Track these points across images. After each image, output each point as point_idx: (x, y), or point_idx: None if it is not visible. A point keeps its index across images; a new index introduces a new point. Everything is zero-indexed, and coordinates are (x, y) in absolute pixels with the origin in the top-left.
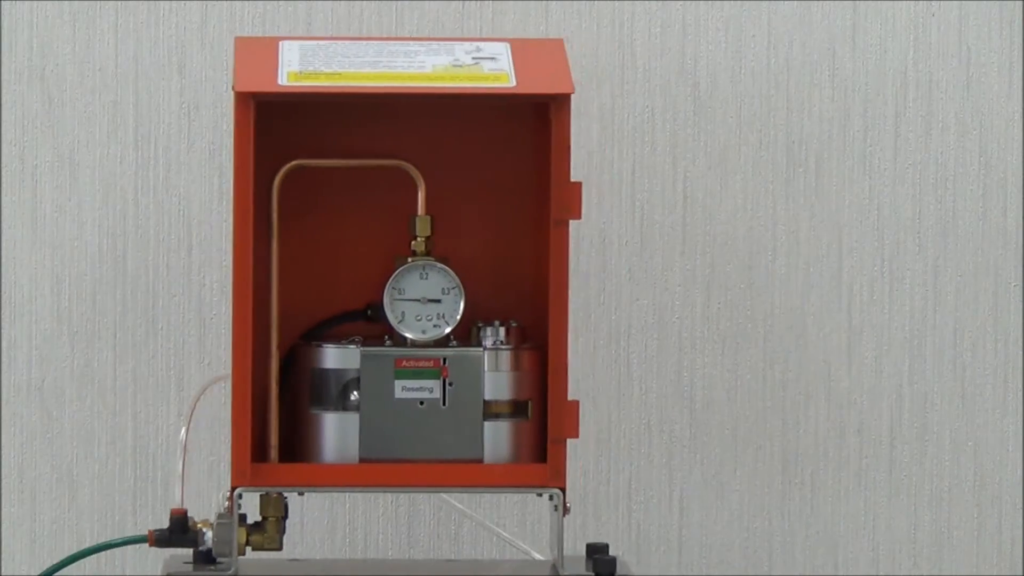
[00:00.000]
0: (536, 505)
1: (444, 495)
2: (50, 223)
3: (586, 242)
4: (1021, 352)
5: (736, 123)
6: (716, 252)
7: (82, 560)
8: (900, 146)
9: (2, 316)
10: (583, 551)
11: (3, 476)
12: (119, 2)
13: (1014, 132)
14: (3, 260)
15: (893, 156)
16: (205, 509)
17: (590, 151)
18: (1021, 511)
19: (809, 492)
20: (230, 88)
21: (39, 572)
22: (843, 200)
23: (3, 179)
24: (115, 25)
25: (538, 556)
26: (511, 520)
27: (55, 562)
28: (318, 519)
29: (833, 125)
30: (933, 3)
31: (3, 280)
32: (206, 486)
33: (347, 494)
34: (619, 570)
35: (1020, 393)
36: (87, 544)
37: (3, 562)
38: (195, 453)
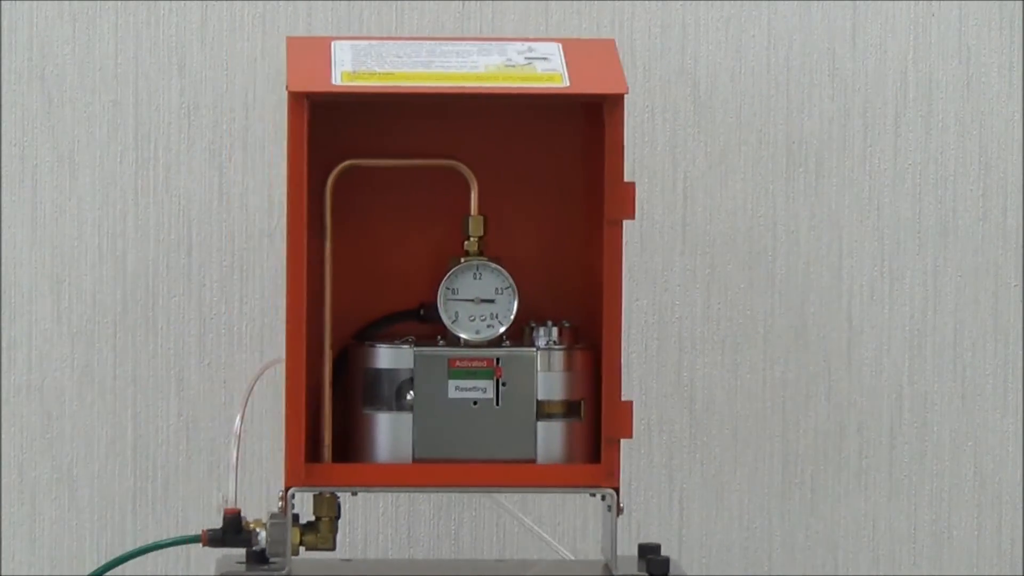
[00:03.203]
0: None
1: (496, 496)
2: (50, 223)
3: None
4: (1021, 352)
5: (736, 123)
6: (716, 252)
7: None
8: (900, 146)
9: (2, 316)
10: (582, 552)
11: (3, 476)
12: (119, 2)
13: (1014, 132)
14: (3, 260)
15: (893, 156)
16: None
17: None
18: (1021, 511)
19: (809, 492)
20: (231, 88)
21: (89, 572)
22: (843, 200)
23: (3, 179)
24: (115, 25)
25: (570, 556)
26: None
27: (106, 561)
28: None
29: (833, 125)
30: (933, 3)
31: (3, 280)
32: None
33: (349, 493)
34: (672, 570)
35: (1020, 393)
36: (86, 544)
37: (3, 562)
38: (196, 454)
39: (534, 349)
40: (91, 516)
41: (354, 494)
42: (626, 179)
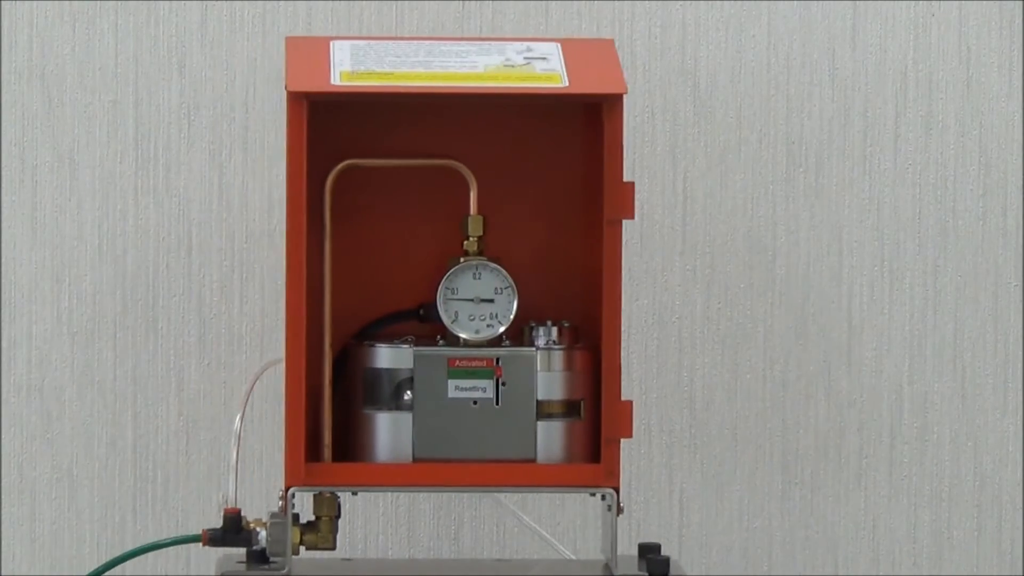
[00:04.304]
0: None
1: (497, 496)
2: (50, 223)
3: None
4: (1021, 352)
5: (736, 123)
6: (716, 252)
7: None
8: (900, 146)
9: (2, 316)
10: (582, 552)
11: (3, 476)
12: (119, 2)
13: (1014, 132)
14: (3, 260)
15: (893, 156)
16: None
17: None
18: (1021, 511)
19: (809, 492)
20: (231, 88)
21: (88, 572)
22: (843, 200)
23: (3, 179)
24: (115, 25)
25: (571, 556)
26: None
27: (105, 561)
28: None
29: (833, 125)
30: (933, 3)
31: (3, 280)
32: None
33: (349, 493)
34: (672, 570)
35: (1020, 393)
36: (86, 544)
37: (3, 562)
38: (196, 454)
39: (534, 349)
40: (91, 516)
41: (354, 494)
42: (625, 179)
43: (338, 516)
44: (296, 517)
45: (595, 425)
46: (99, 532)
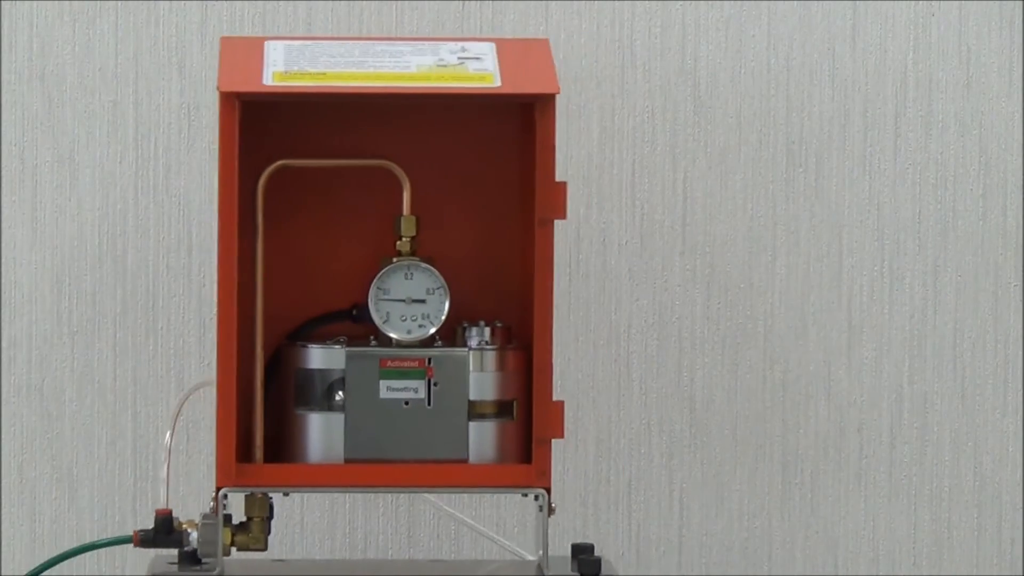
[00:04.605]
0: (522, 504)
1: (428, 496)
2: (50, 223)
3: (586, 242)
4: (1021, 352)
5: (736, 123)
6: (716, 252)
7: (67, 560)
8: (900, 146)
9: (2, 316)
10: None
11: (3, 476)
12: (119, 2)
13: (1014, 132)
14: (3, 260)
15: (893, 156)
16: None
17: (590, 151)
18: (1021, 511)
19: (809, 492)
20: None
21: (25, 573)
22: (843, 200)
23: (3, 179)
24: (115, 25)
25: (529, 556)
26: (511, 519)
27: (39, 563)
28: (318, 519)
29: (833, 125)
30: (933, 3)
31: (3, 280)
32: (206, 487)
33: (347, 494)
34: (604, 570)
35: (1020, 393)
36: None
37: (3, 562)
38: (195, 454)
39: (466, 349)
40: (91, 516)
41: (286, 495)
42: (624, 179)
43: (271, 517)
44: (228, 518)
45: (528, 425)
46: (99, 532)
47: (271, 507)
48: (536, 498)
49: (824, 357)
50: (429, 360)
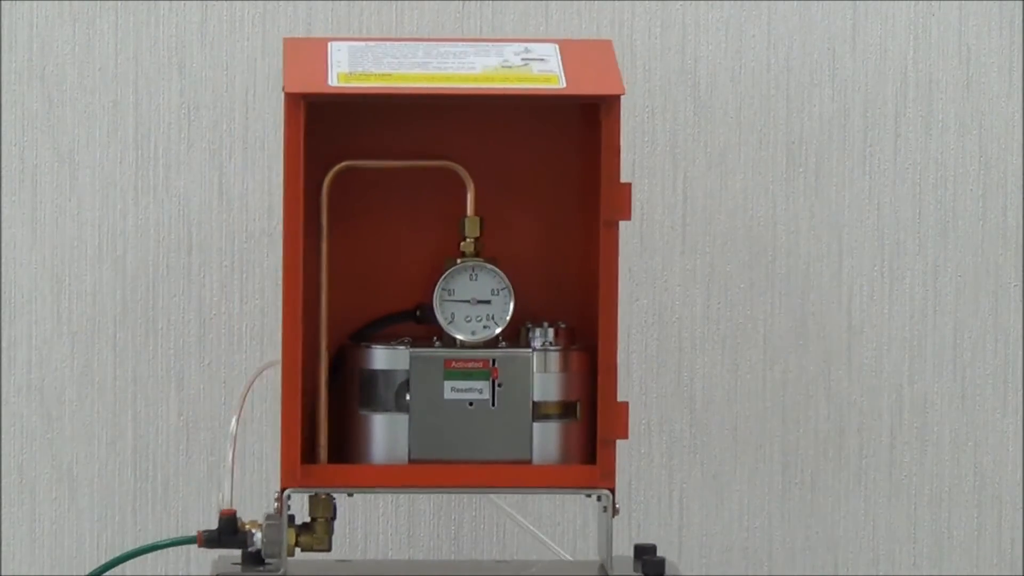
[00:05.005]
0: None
1: (492, 497)
2: (50, 223)
3: None
4: (1021, 352)
5: (736, 123)
6: (716, 252)
7: (130, 560)
8: (900, 146)
9: (2, 316)
10: (581, 552)
11: (3, 476)
12: (119, 2)
13: (1014, 132)
14: (3, 260)
15: (893, 156)
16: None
17: None
18: (1021, 511)
19: (809, 492)
20: (231, 88)
21: (87, 573)
22: (843, 200)
23: (3, 179)
24: (115, 25)
25: (567, 557)
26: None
27: (103, 562)
28: None
29: (833, 125)
30: (933, 3)
31: (3, 280)
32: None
33: (345, 494)
34: (668, 571)
35: (1020, 393)
36: (86, 544)
37: (3, 562)
38: (196, 454)
39: (530, 350)
40: (91, 516)
41: (350, 495)
42: (624, 179)
43: (334, 518)
44: (292, 518)
45: (591, 426)
46: (99, 532)
47: (335, 508)
48: (599, 499)
49: (824, 357)
50: (493, 361)
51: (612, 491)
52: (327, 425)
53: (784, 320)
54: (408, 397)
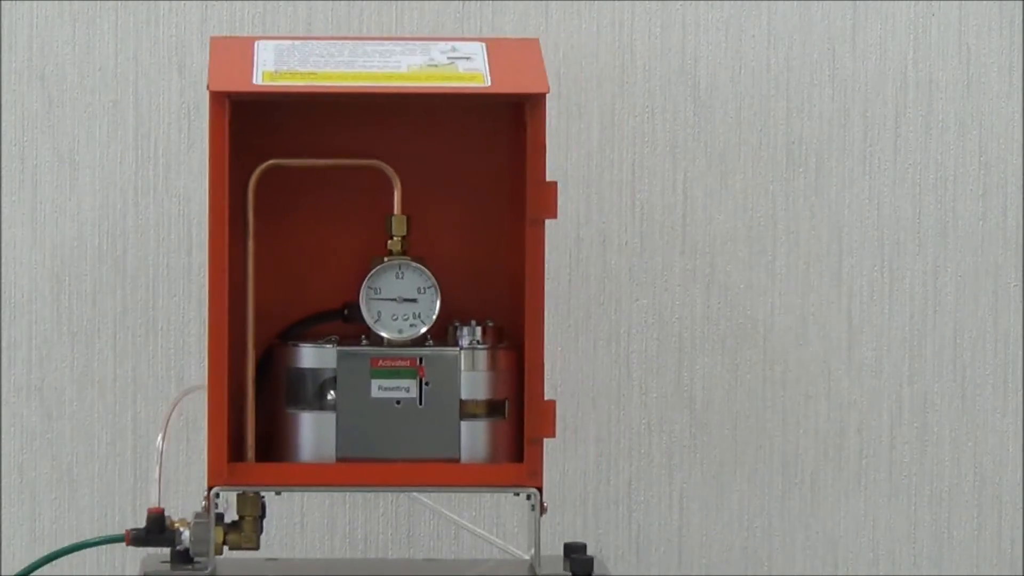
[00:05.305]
0: (516, 503)
1: (421, 496)
2: (50, 223)
3: (586, 242)
4: (1021, 352)
5: (736, 123)
6: (716, 252)
7: (59, 559)
8: (900, 146)
9: (2, 316)
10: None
11: (3, 476)
12: (119, 2)
13: (1014, 132)
14: (3, 260)
15: (893, 156)
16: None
17: (590, 151)
18: (1021, 511)
19: (809, 492)
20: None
21: (15, 572)
22: (843, 200)
23: (3, 179)
24: (115, 25)
25: (524, 556)
26: (511, 519)
27: (30, 562)
28: (318, 519)
29: (833, 125)
30: (933, 3)
31: (3, 280)
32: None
33: (346, 494)
34: (596, 570)
35: (1020, 393)
36: None
37: (3, 562)
38: (193, 455)
39: (457, 348)
40: (91, 516)
41: (278, 493)
42: (624, 179)
43: (263, 516)
44: (220, 517)
45: (519, 425)
46: (99, 532)
47: (263, 506)
48: (528, 497)
49: (824, 357)
50: (421, 359)
51: (540, 490)
52: (254, 424)
53: (784, 320)
54: (335, 395)
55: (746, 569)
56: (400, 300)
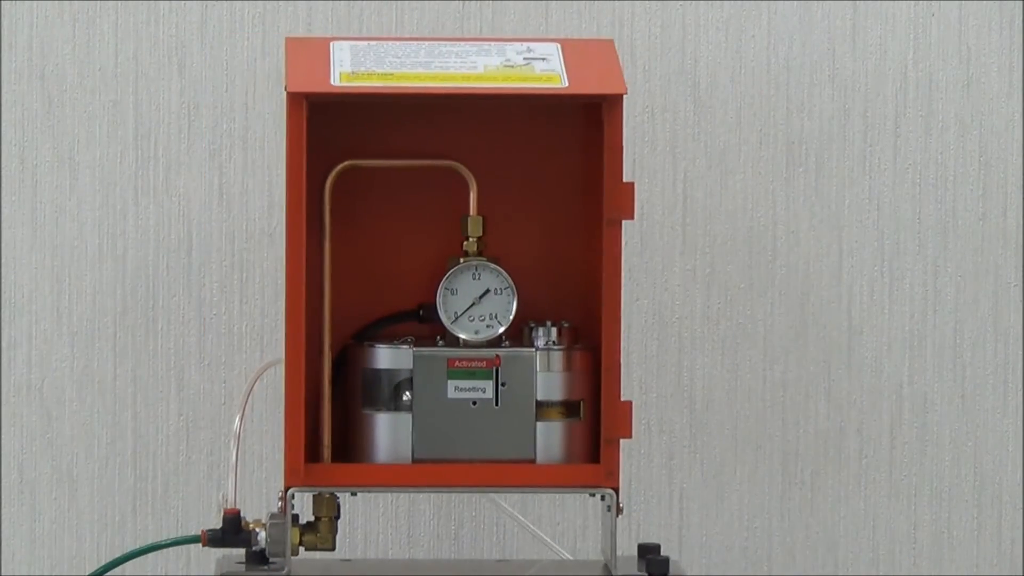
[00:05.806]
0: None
1: (494, 496)
2: (50, 223)
3: None
4: (1021, 352)
5: (736, 123)
6: (716, 252)
7: (132, 560)
8: (900, 146)
9: (2, 316)
10: (582, 552)
11: (3, 476)
12: (119, 2)
13: (1014, 132)
14: (3, 260)
15: (893, 156)
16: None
17: None
18: (1021, 511)
19: (809, 492)
20: (231, 88)
21: (89, 573)
22: (843, 200)
23: (3, 179)
24: (115, 25)
25: (568, 557)
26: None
27: (105, 561)
28: None
29: (833, 125)
30: (933, 3)
31: (3, 280)
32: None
33: (345, 493)
34: (672, 570)
35: (1020, 393)
36: (86, 544)
37: (3, 562)
38: (196, 454)
39: (533, 349)
40: (91, 516)
41: (353, 494)
42: (625, 179)
43: (337, 517)
44: (295, 518)
45: (595, 425)
46: (99, 532)
47: (338, 507)
48: (603, 498)
49: (824, 357)
50: (497, 360)
51: (616, 490)
52: (330, 424)
53: (784, 320)
54: (411, 396)
55: (746, 569)
56: (477, 301)
